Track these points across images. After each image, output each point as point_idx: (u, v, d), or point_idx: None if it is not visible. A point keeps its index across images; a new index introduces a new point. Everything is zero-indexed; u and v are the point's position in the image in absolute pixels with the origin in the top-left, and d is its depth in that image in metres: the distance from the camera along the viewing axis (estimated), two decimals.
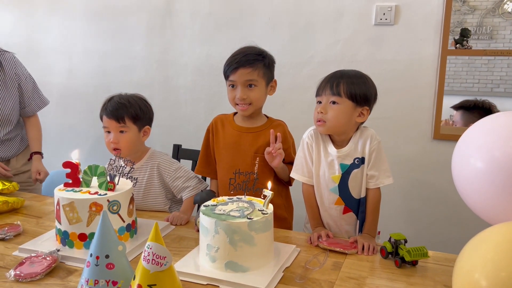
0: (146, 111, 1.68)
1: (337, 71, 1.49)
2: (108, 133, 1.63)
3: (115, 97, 1.65)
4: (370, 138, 1.46)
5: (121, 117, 1.60)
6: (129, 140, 1.62)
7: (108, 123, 1.62)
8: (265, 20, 2.49)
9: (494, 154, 0.97)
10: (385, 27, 2.30)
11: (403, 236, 1.28)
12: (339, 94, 1.41)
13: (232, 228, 1.13)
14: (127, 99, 1.64)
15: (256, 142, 1.64)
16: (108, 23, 2.83)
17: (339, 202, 1.50)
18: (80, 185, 1.36)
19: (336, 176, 1.48)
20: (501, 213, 0.95)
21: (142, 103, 1.68)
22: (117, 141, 1.60)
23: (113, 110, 1.60)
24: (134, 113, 1.62)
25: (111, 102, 1.63)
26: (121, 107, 1.61)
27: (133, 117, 1.62)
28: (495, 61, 2.37)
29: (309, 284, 1.14)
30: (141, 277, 0.96)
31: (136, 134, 1.64)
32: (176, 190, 1.69)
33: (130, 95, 1.68)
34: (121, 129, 1.61)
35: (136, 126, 1.64)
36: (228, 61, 1.62)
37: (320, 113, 1.44)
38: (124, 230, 1.33)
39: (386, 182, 1.46)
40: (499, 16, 2.30)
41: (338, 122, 1.43)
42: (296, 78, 2.47)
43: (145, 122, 1.68)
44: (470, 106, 2.33)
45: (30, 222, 1.54)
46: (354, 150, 1.47)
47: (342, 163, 1.47)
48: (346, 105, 1.42)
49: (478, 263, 0.85)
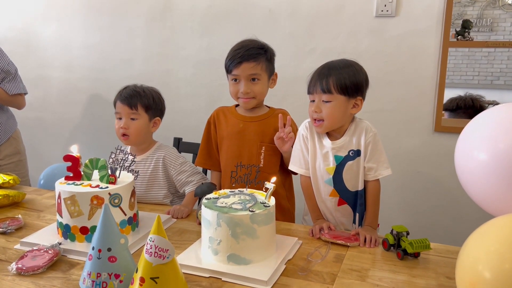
0: (159, 102, 1.73)
1: (325, 64, 1.47)
2: (119, 119, 1.67)
3: (130, 86, 1.71)
4: (365, 130, 1.46)
5: (134, 104, 1.64)
6: (139, 127, 1.66)
7: (120, 108, 1.66)
8: (265, 12, 2.47)
9: (497, 146, 0.97)
10: (386, 19, 2.28)
11: (405, 228, 1.27)
12: (330, 91, 1.40)
13: (235, 221, 1.13)
14: (142, 89, 1.70)
15: (262, 130, 1.65)
16: (107, 16, 2.81)
17: (333, 194, 1.50)
18: (81, 179, 1.35)
19: (331, 167, 1.48)
20: (505, 205, 0.95)
21: (156, 95, 1.73)
22: (127, 126, 1.64)
23: (127, 97, 1.65)
24: (147, 102, 1.67)
25: (126, 89, 1.69)
26: (136, 95, 1.66)
27: (145, 105, 1.66)
28: (495, 54, 2.36)
29: (312, 276, 1.14)
30: (143, 270, 0.96)
31: (146, 123, 1.68)
32: (179, 184, 1.69)
33: (145, 86, 1.73)
34: (132, 116, 1.65)
35: (147, 115, 1.68)
36: (230, 56, 1.61)
37: (315, 112, 1.43)
38: (126, 223, 1.33)
39: (384, 173, 1.45)
40: (499, 8, 2.29)
41: (334, 118, 1.43)
42: (297, 70, 2.45)
43: (156, 113, 1.72)
44: (453, 107, 2.33)
45: (31, 215, 1.54)
46: (349, 142, 1.46)
47: (337, 155, 1.47)
48: (339, 100, 1.41)
49: (482, 255, 0.85)
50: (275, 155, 1.64)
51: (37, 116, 3.11)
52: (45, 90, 3.07)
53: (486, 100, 2.38)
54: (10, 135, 2.29)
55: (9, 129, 2.30)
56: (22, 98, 2.30)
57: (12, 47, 2.82)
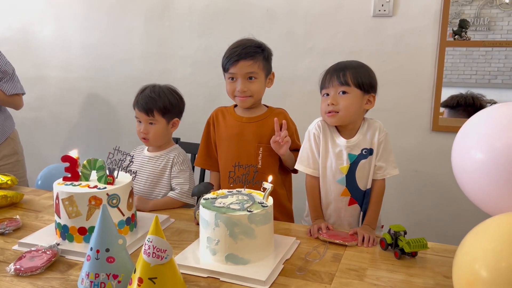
0: (176, 104, 1.73)
1: (339, 62, 1.50)
2: (140, 122, 1.72)
3: (146, 90, 1.71)
4: (378, 129, 1.49)
5: (151, 110, 1.67)
6: (157, 131, 1.70)
7: (139, 114, 1.70)
8: (263, 12, 2.47)
9: (494, 145, 0.97)
10: (383, 18, 2.28)
11: (402, 228, 1.28)
12: (348, 84, 1.43)
13: (233, 221, 1.13)
14: (158, 93, 1.70)
15: (259, 131, 1.65)
16: (105, 15, 2.81)
17: (345, 193, 1.51)
18: (79, 179, 1.35)
19: (344, 166, 1.49)
20: (502, 204, 0.95)
21: (173, 96, 1.73)
22: (146, 132, 1.69)
23: (143, 104, 1.68)
24: (163, 106, 1.68)
25: (142, 95, 1.70)
26: (151, 101, 1.67)
27: (161, 110, 1.68)
28: (492, 53, 2.36)
29: (310, 276, 1.14)
30: (141, 270, 0.96)
31: (164, 126, 1.71)
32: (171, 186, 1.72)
33: (161, 88, 1.73)
34: (150, 121, 1.69)
35: (164, 119, 1.70)
36: (227, 54, 1.61)
37: (331, 104, 1.44)
38: (124, 224, 1.33)
39: (392, 173, 1.50)
40: (496, 7, 2.29)
41: (349, 111, 1.44)
42: (295, 69, 2.46)
43: (174, 115, 1.74)
44: (454, 105, 2.34)
45: (29, 216, 1.54)
46: (363, 141, 1.48)
47: (351, 153, 1.48)
48: (355, 93, 1.44)
49: (479, 254, 0.85)
50: (273, 156, 1.64)
51: (34, 116, 3.11)
52: (43, 90, 3.07)
53: (486, 99, 2.39)
54: (7, 136, 2.29)
55: (7, 129, 2.30)
56: (20, 98, 2.30)
57: (10, 47, 2.81)
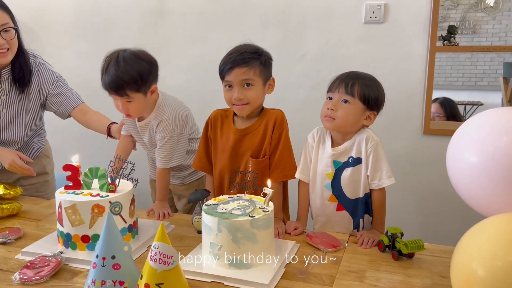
0: (148, 71, 1.59)
1: (352, 72, 1.52)
2: (117, 100, 1.62)
3: (110, 67, 1.54)
4: (365, 139, 1.47)
5: (122, 90, 1.55)
6: (137, 107, 1.62)
7: (112, 95, 1.59)
8: (256, 19, 2.51)
9: (488, 149, 1.01)
10: (374, 25, 2.33)
11: (399, 230, 1.31)
12: (353, 95, 1.44)
13: (235, 226, 1.16)
14: (124, 67, 1.53)
15: (252, 143, 1.59)
16: (98, 23, 2.82)
17: (332, 199, 1.54)
18: (81, 188, 1.37)
19: (330, 173, 1.51)
20: (496, 206, 0.99)
21: (141, 64, 1.57)
22: (126, 110, 1.62)
23: (111, 86, 1.55)
24: (134, 82, 1.55)
25: (107, 74, 1.54)
26: (118, 80, 1.53)
27: (133, 87, 1.56)
28: (478, 56, 2.42)
29: (311, 278, 1.17)
30: (148, 276, 0.98)
31: (142, 99, 1.62)
32: None
33: (125, 59, 1.55)
34: (127, 100, 1.59)
35: (140, 93, 1.59)
36: (223, 61, 1.55)
37: (330, 109, 1.46)
38: (126, 231, 1.34)
39: (387, 183, 1.46)
40: (481, 10, 2.35)
41: (346, 121, 1.45)
42: (289, 76, 2.49)
43: (149, 84, 1.62)
44: None
45: (29, 225, 1.54)
46: (350, 149, 1.49)
47: (336, 160, 1.51)
48: (357, 106, 1.45)
49: (475, 254, 0.89)
50: (265, 166, 1.59)
51: None
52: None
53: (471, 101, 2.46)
54: (37, 154, 2.05)
55: (37, 148, 2.06)
56: None
57: None
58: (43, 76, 1.92)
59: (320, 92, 2.49)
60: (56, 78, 1.95)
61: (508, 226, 0.89)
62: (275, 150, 1.57)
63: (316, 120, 1.57)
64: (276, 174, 1.56)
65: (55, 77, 1.95)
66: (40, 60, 1.95)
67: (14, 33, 1.76)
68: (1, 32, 1.70)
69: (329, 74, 1.64)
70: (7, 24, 1.72)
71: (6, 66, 1.82)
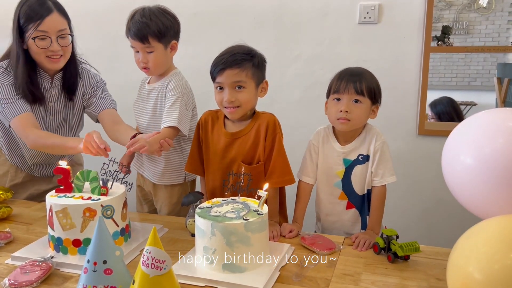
0: (171, 25, 1.64)
1: (352, 68, 1.54)
2: (137, 52, 1.65)
3: (136, 15, 1.61)
4: (375, 137, 1.51)
5: (145, 37, 1.59)
6: (157, 59, 1.64)
7: (134, 43, 1.63)
8: (250, 20, 2.50)
9: (483, 151, 1.01)
10: (369, 25, 2.33)
11: (394, 232, 1.30)
12: (362, 93, 1.46)
13: (229, 229, 1.14)
14: (149, 16, 1.60)
15: (243, 149, 1.54)
16: (91, 24, 2.79)
17: (342, 197, 1.55)
18: (72, 191, 1.35)
19: (340, 171, 1.53)
20: (493, 208, 0.98)
21: (165, 17, 1.63)
22: (146, 61, 1.63)
23: (135, 31, 1.59)
24: (157, 30, 1.59)
25: (133, 22, 1.61)
26: (143, 26, 1.58)
27: (156, 35, 1.60)
28: (471, 56, 2.44)
29: (306, 282, 1.16)
30: (140, 281, 0.96)
31: (162, 51, 1.64)
32: None
33: (151, 10, 1.62)
34: (147, 50, 1.62)
35: (162, 44, 1.63)
36: (215, 62, 1.52)
37: (344, 112, 1.46)
38: (118, 235, 1.32)
39: (390, 180, 1.50)
40: (474, 11, 2.37)
41: (361, 121, 1.49)
42: (283, 77, 2.48)
43: (170, 38, 1.66)
44: None
45: (20, 229, 1.51)
46: (360, 147, 1.52)
47: (346, 158, 1.53)
48: (367, 103, 1.48)
49: (472, 257, 0.88)
50: (260, 172, 1.55)
51: None
52: None
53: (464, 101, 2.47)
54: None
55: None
56: None
57: None
58: (86, 83, 1.89)
59: (315, 92, 2.51)
60: (96, 82, 1.92)
61: (505, 228, 0.89)
62: (269, 156, 1.53)
63: (310, 121, 1.57)
64: (273, 180, 1.51)
65: (96, 81, 1.92)
66: (84, 66, 1.92)
67: (69, 40, 1.74)
68: (58, 38, 1.69)
69: (324, 75, 1.63)
70: (64, 30, 1.71)
71: (58, 72, 1.79)
